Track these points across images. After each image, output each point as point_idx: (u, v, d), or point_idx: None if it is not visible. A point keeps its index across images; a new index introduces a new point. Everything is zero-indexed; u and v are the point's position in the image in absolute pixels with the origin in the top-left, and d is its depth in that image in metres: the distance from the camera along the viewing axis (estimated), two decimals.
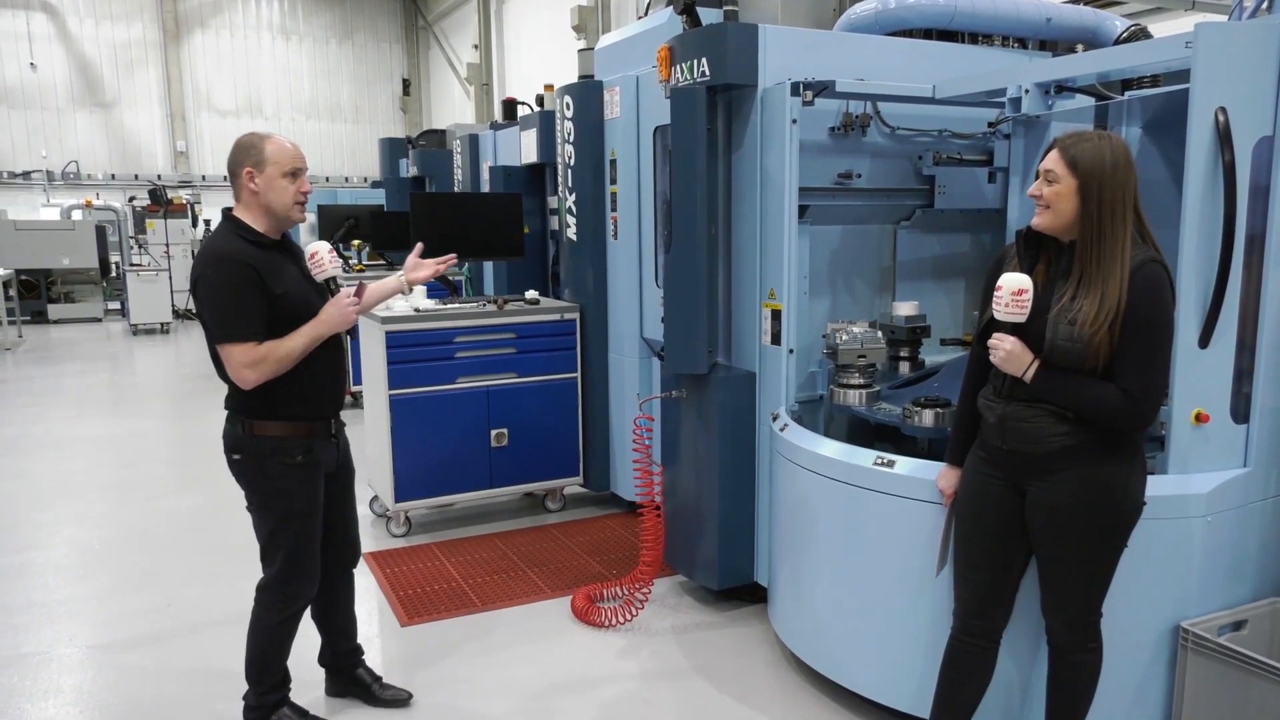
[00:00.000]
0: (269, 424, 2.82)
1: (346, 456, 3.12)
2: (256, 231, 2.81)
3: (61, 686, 3.48)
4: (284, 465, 2.82)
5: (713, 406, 3.79)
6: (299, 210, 2.84)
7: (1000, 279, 2.32)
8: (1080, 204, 2.27)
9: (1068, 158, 2.27)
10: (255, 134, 2.83)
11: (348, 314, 2.85)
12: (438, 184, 8.29)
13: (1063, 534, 2.36)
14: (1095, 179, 2.24)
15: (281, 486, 2.84)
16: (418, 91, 23.40)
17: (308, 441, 2.86)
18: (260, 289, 2.72)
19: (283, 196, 2.79)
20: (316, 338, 2.80)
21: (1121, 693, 2.70)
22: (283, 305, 2.76)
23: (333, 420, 2.98)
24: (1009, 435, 2.39)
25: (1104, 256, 2.24)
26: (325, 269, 2.88)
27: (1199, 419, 2.68)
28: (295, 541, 2.89)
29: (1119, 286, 2.22)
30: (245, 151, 2.79)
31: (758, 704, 3.29)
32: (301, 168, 2.83)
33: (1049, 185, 2.30)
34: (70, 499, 5.78)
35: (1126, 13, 6.88)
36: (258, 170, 2.77)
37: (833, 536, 3.16)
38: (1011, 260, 2.44)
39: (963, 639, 2.59)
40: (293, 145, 2.84)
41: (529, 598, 4.19)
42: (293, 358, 2.75)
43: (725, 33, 3.59)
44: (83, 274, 15.58)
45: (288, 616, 2.96)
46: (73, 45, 19.91)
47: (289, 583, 2.93)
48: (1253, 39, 2.59)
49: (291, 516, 2.88)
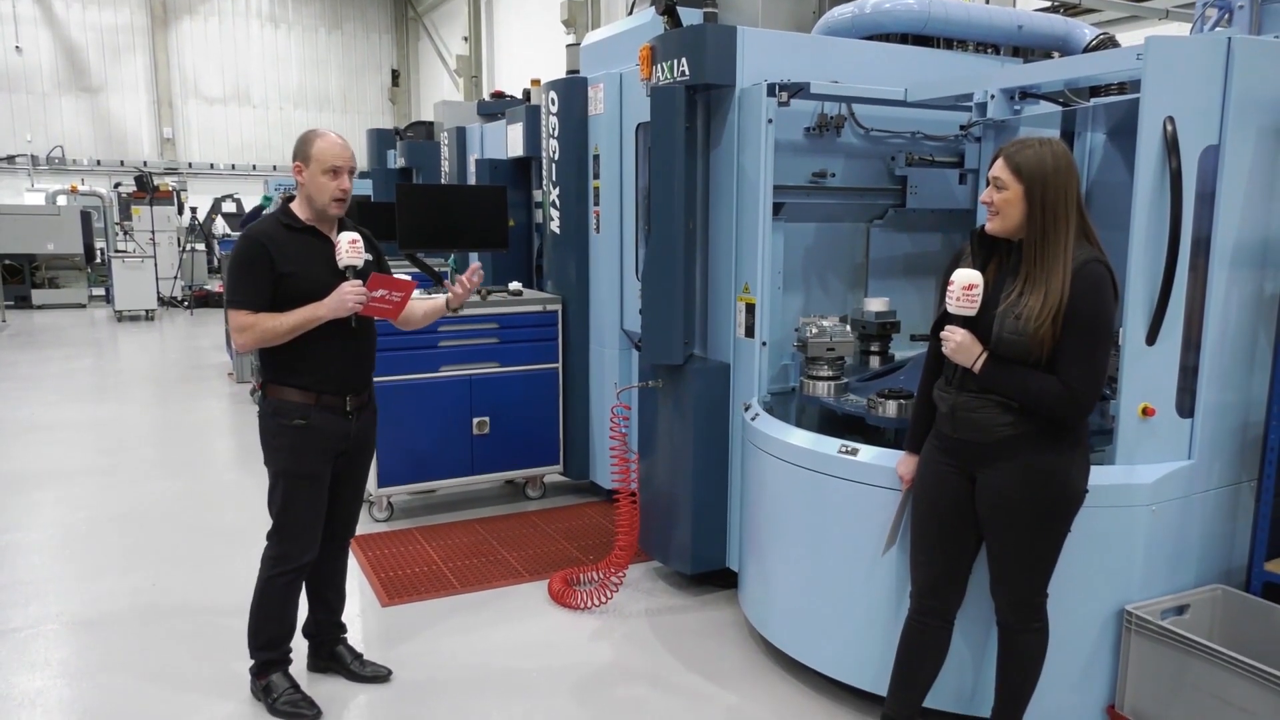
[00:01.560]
0: (279, 388, 3.07)
1: (364, 437, 3.25)
2: (295, 216, 3.08)
3: (49, 660, 3.57)
4: (281, 425, 3.04)
5: (688, 397, 3.90)
6: (336, 206, 3.06)
7: (953, 274, 2.45)
8: (1026, 207, 2.40)
9: (1012, 165, 2.41)
10: (313, 131, 3.09)
11: (344, 301, 2.99)
12: (425, 175, 8.36)
13: (1008, 519, 2.50)
14: (1038, 183, 2.38)
15: (280, 444, 3.07)
16: (407, 83, 23.39)
17: (308, 409, 3.05)
18: (267, 265, 2.97)
19: (322, 192, 3.03)
20: (311, 319, 2.98)
21: (1069, 671, 2.84)
22: (289, 284, 2.99)
23: (349, 397, 3.13)
24: (959, 424, 2.52)
25: (1047, 256, 2.38)
26: (342, 258, 3.05)
27: (1145, 412, 2.81)
28: (286, 501, 3.09)
29: (1061, 283, 2.35)
30: (300, 146, 3.06)
31: (726, 683, 3.42)
32: (341, 166, 3.02)
33: (998, 192, 2.43)
34: (55, 482, 5.85)
35: (1099, 20, 7.02)
36: (305, 165, 3.03)
37: (799, 522, 3.29)
38: (966, 258, 2.57)
39: (918, 619, 2.73)
40: (341, 144, 3.05)
41: (507, 581, 4.30)
42: (279, 333, 2.96)
43: (704, 34, 3.71)
44: (67, 260, 15.54)
45: (274, 576, 3.12)
46: (59, 29, 19.82)
47: (279, 542, 3.13)
48: (1200, 52, 2.72)
49: (284, 475, 3.08)
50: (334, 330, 3.03)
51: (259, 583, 3.15)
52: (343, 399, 3.11)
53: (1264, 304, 2.96)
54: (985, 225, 2.50)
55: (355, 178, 3.13)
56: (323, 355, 3.05)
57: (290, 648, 3.25)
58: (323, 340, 3.02)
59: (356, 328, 3.10)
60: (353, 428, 3.16)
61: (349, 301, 2.99)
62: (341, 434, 3.12)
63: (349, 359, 3.13)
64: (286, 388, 3.05)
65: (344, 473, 3.22)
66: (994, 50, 4.52)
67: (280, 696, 3.16)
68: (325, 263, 3.05)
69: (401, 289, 3.09)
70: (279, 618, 3.18)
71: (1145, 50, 2.67)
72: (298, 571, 3.15)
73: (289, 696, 3.16)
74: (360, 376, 3.19)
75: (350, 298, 2.99)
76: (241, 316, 2.97)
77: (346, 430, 3.14)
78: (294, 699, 3.16)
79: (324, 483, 3.13)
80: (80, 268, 15.77)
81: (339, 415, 3.11)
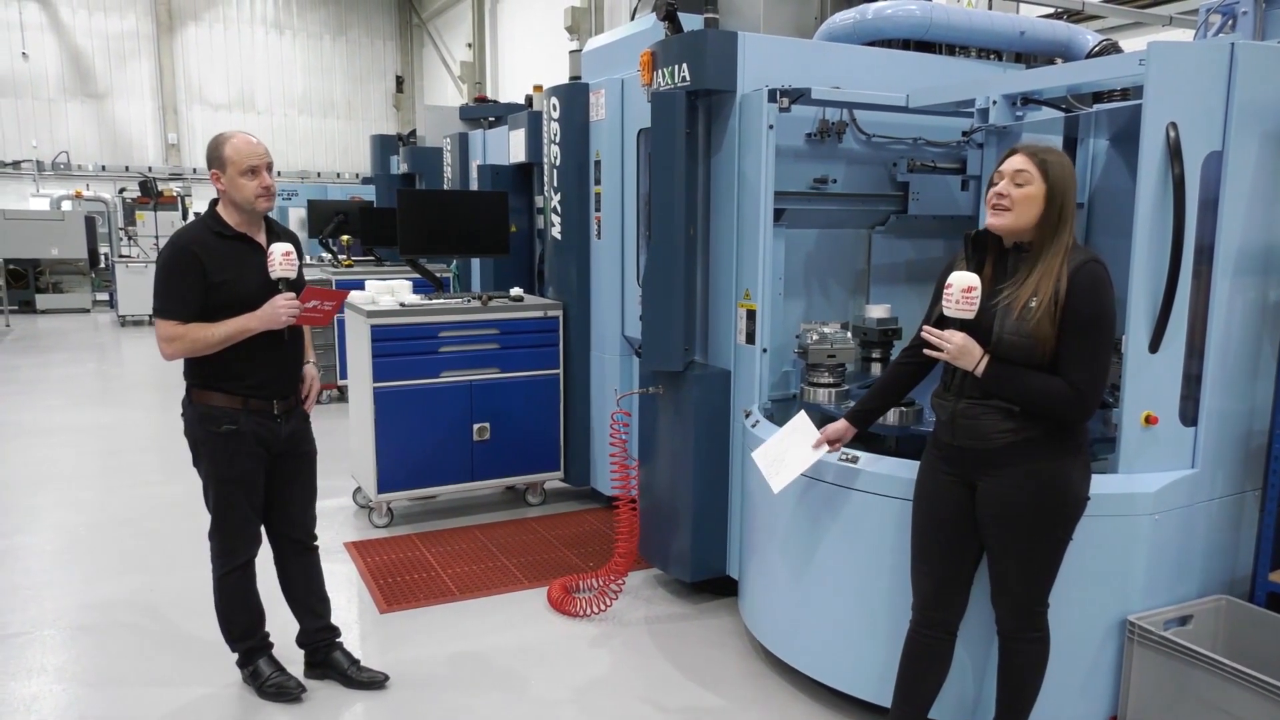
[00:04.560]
0: (205, 393, 3.06)
1: (298, 440, 3.24)
2: (224, 222, 3.05)
3: (45, 666, 3.55)
4: (210, 432, 3.04)
5: (688, 403, 3.89)
6: (263, 202, 3.04)
7: (950, 277, 2.43)
8: (1045, 207, 2.41)
9: (1038, 162, 2.41)
10: (221, 135, 3.06)
11: (277, 315, 3.00)
12: (427, 181, 8.37)
13: (1010, 526, 2.47)
14: (1061, 188, 2.41)
15: (209, 450, 3.07)
16: (411, 89, 23.45)
17: (236, 414, 3.04)
18: (198, 274, 2.96)
19: (244, 192, 3.01)
20: (243, 330, 2.98)
21: (1070, 682, 2.81)
22: (221, 293, 2.98)
23: (276, 402, 3.12)
24: (959, 432, 2.50)
25: (1053, 257, 2.41)
26: (275, 269, 3.03)
27: (1148, 421, 2.79)
28: (220, 502, 3.11)
29: (1055, 282, 2.37)
30: (211, 153, 3.03)
31: (725, 692, 3.39)
32: (258, 164, 3.01)
33: (1019, 187, 2.41)
34: (56, 486, 5.84)
35: (1109, 26, 7.01)
36: (221, 171, 3.01)
37: (800, 530, 3.26)
38: (960, 262, 2.56)
39: (921, 631, 2.70)
40: (254, 143, 3.04)
41: (506, 588, 4.28)
42: (210, 343, 2.96)
43: (705, 39, 3.70)
44: (71, 264, 15.55)
45: (226, 573, 3.17)
46: (65, 35, 19.91)
47: (221, 539, 3.16)
48: (1203, 58, 2.71)
49: (215, 478, 3.09)
50: (263, 339, 3.03)
51: (215, 582, 3.20)
52: (270, 404, 3.11)
53: (1268, 311, 2.94)
54: (987, 224, 2.49)
55: (275, 174, 3.12)
56: (251, 363, 3.05)
57: (267, 632, 3.32)
58: (252, 348, 3.03)
59: (288, 338, 3.12)
60: (283, 429, 3.16)
61: (282, 315, 3.01)
62: (271, 436, 3.13)
63: (277, 367, 3.14)
64: (212, 392, 3.04)
65: (288, 473, 3.23)
66: (996, 56, 4.51)
67: (267, 680, 3.25)
68: (257, 271, 3.04)
69: (333, 298, 3.11)
70: (244, 607, 3.24)
71: (1148, 56, 2.65)
72: (246, 565, 3.20)
73: (275, 679, 3.26)
74: (288, 383, 3.20)
75: (283, 311, 3.00)
76: (170, 326, 2.96)
77: (276, 432, 3.14)
78: (279, 681, 3.26)
79: (258, 481, 3.15)
80: (84, 273, 15.78)
81: (268, 418, 3.11)
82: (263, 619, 3.30)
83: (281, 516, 3.28)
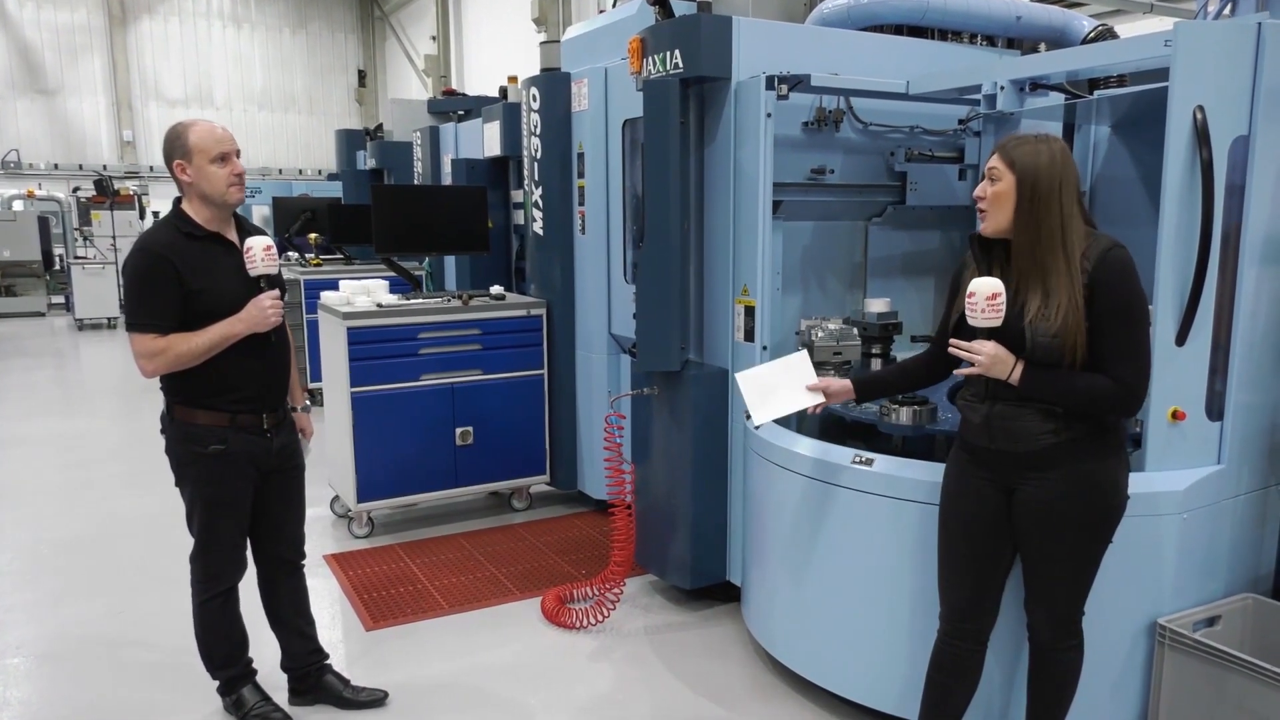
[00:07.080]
0: (189, 410, 2.82)
1: (289, 454, 3.03)
2: (194, 222, 2.80)
3: (8, 700, 3.33)
4: (196, 453, 2.81)
5: (685, 404, 3.74)
6: (235, 192, 2.81)
7: (972, 285, 2.29)
8: (1016, 199, 2.29)
9: (1006, 158, 2.31)
10: (181, 124, 2.82)
11: (266, 315, 2.78)
12: (397, 176, 8.14)
13: (1053, 531, 2.35)
14: (1030, 176, 2.27)
15: (196, 472, 2.84)
16: (373, 83, 23.03)
17: (224, 432, 2.81)
18: (175, 282, 2.70)
19: (215, 182, 2.76)
20: (228, 336, 2.75)
21: (1100, 688, 2.71)
22: (202, 300, 2.74)
23: (266, 415, 2.90)
24: (996, 435, 2.37)
25: (1040, 255, 2.27)
26: (256, 266, 2.80)
27: (1175, 416, 2.69)
28: (206, 526, 2.89)
29: (1064, 282, 2.24)
30: (172, 144, 2.78)
31: (734, 705, 3.26)
32: (228, 151, 2.78)
33: (991, 185, 2.33)
34: (17, 502, 5.56)
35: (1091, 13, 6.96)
36: (187, 161, 2.76)
37: (810, 535, 3.13)
38: (970, 267, 2.45)
39: (951, 643, 2.57)
40: (220, 130, 2.81)
41: (497, 599, 4.11)
42: (196, 354, 2.72)
43: (699, 24, 3.54)
44: (24, 266, 15.08)
45: (209, 599, 2.96)
46: (12, 28, 19.26)
47: (205, 564, 2.94)
48: (1230, 39, 2.60)
49: (201, 501, 2.87)
50: (248, 345, 2.79)
51: (195, 609, 2.98)
52: (259, 418, 2.88)
53: None
54: (980, 229, 2.39)
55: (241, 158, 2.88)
56: (238, 373, 2.81)
57: (250, 658, 3.12)
58: (237, 357, 2.78)
59: (275, 341, 2.89)
60: (274, 445, 2.94)
61: (270, 315, 2.78)
62: (262, 454, 2.90)
63: (265, 375, 2.90)
64: (197, 410, 2.80)
65: (276, 492, 3.01)
66: (989, 42, 4.40)
67: (251, 709, 3.05)
68: (234, 272, 2.80)
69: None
70: (226, 635, 3.03)
71: (1174, 37, 2.54)
72: (229, 591, 2.99)
73: (260, 709, 3.06)
74: (277, 392, 2.97)
75: (270, 311, 2.78)
76: (148, 341, 2.69)
77: (268, 448, 2.92)
78: (264, 711, 3.06)
79: (248, 503, 2.93)
80: (38, 275, 15.32)
81: (257, 435, 2.88)
82: (246, 645, 3.09)
83: (272, 535, 3.06)
